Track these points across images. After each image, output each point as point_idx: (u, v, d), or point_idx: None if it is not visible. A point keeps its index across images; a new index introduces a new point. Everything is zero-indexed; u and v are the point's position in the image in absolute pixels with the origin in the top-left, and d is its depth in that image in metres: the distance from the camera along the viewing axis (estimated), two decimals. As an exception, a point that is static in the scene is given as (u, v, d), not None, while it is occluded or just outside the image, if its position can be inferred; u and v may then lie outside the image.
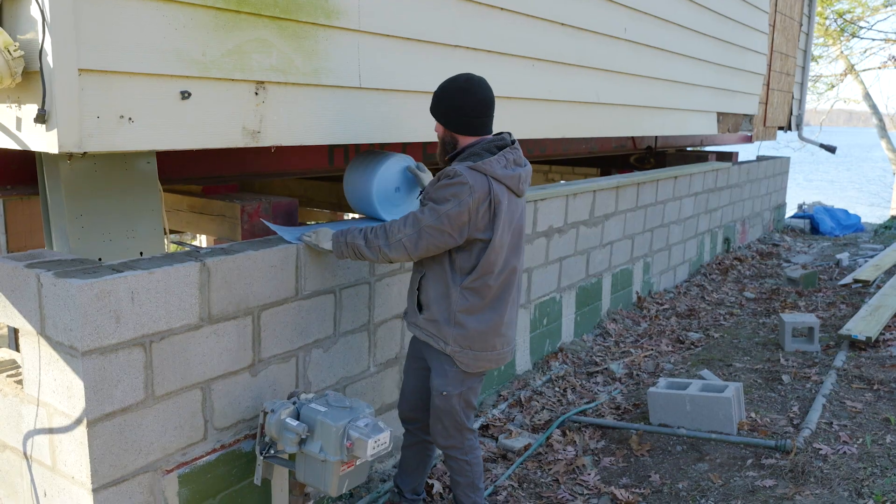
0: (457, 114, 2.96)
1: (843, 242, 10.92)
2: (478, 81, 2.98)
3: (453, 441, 3.17)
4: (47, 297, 2.43)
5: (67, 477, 2.54)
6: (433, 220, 2.81)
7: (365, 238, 2.95)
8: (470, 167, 2.84)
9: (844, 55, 19.87)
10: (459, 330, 2.97)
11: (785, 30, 10.28)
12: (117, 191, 3.02)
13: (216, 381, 2.85)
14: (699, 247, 8.37)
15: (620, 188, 6.19)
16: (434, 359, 3.09)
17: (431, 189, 2.89)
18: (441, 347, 3.01)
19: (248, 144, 2.87)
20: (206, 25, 2.62)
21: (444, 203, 2.80)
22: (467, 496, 3.27)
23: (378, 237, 2.92)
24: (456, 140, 3.00)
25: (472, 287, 2.93)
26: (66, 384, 2.44)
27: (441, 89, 3.02)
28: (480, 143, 2.96)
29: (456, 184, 2.79)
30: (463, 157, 2.96)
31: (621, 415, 4.56)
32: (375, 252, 2.93)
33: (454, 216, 2.79)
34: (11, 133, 2.40)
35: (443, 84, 3.02)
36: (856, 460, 3.82)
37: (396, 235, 2.87)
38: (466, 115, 2.96)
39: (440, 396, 3.08)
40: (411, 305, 3.12)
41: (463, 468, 3.23)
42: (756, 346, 5.80)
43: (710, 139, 9.68)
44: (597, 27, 5.17)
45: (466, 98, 2.95)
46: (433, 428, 3.19)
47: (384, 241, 2.90)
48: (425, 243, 2.84)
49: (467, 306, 2.95)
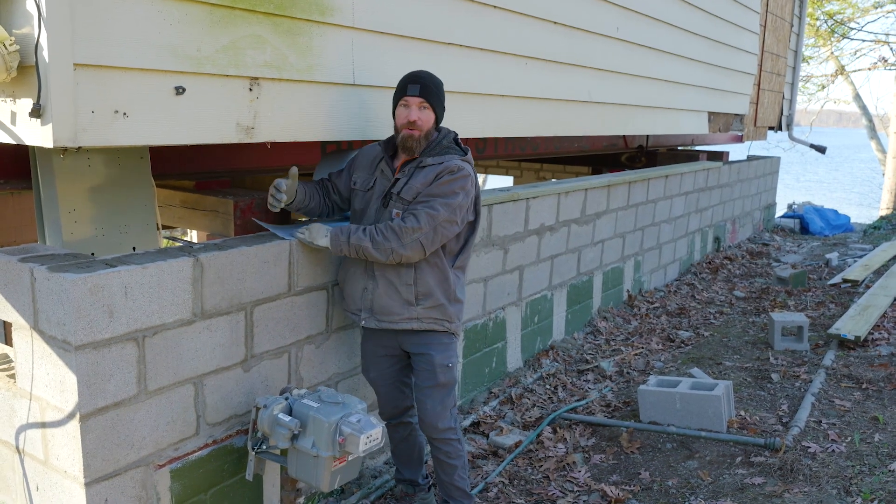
0: (444, 109, 3.19)
1: (833, 242, 10.99)
2: None
3: (448, 422, 3.22)
4: (41, 291, 2.43)
5: (60, 471, 2.54)
6: (448, 214, 2.98)
7: (371, 240, 2.96)
8: (463, 159, 3.10)
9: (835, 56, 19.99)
10: (458, 306, 3.22)
11: (776, 30, 10.33)
12: (110, 186, 3.02)
13: (208, 376, 2.85)
14: (689, 246, 8.41)
15: (612, 187, 6.22)
16: (430, 340, 3.16)
17: (435, 185, 3.00)
18: (446, 328, 3.18)
19: (241, 140, 2.88)
20: (200, 21, 2.62)
21: (454, 196, 3.00)
22: (462, 478, 3.30)
23: (388, 239, 2.94)
24: (433, 132, 3.16)
25: (461, 266, 3.24)
26: (59, 378, 2.44)
27: (439, 81, 3.15)
28: (445, 137, 3.17)
29: (461, 177, 3.03)
30: (436, 151, 3.11)
31: (612, 412, 4.59)
32: (386, 253, 2.96)
33: (464, 206, 3.05)
34: (6, 127, 2.40)
35: (432, 76, 3.13)
36: (844, 458, 3.85)
37: (412, 235, 2.93)
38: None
39: (445, 369, 3.16)
40: (400, 301, 3.10)
41: (458, 450, 3.27)
42: (746, 345, 5.84)
43: (701, 138, 9.72)
44: (589, 26, 5.20)
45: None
46: (431, 412, 3.18)
47: (397, 243, 2.94)
48: (440, 238, 3.01)
49: (459, 283, 3.23)
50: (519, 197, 4.83)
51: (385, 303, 3.11)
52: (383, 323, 3.14)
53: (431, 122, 3.08)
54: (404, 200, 3.04)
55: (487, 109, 4.30)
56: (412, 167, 3.09)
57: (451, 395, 3.22)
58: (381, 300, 3.11)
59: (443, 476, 3.30)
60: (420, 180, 3.03)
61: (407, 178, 3.07)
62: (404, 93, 3.06)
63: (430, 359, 3.15)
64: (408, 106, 3.05)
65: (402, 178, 3.09)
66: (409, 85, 3.06)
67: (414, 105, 3.04)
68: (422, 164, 3.07)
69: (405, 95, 3.05)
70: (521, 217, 4.92)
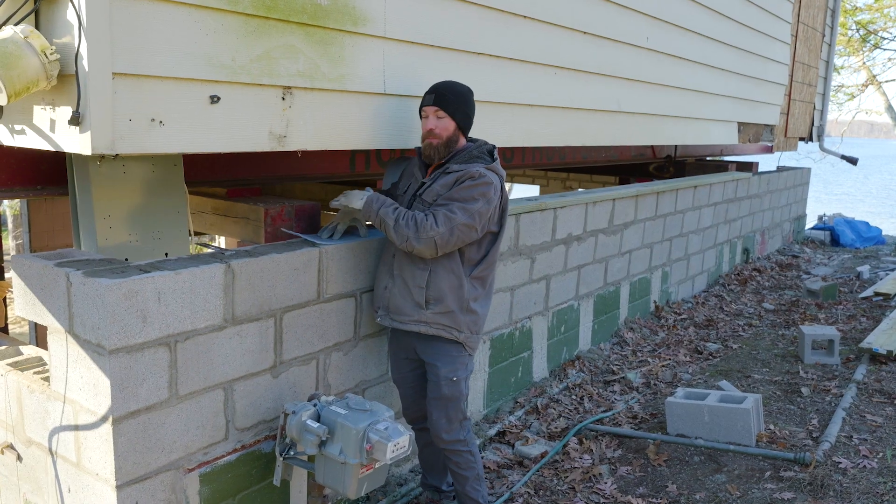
0: (471, 117, 3.21)
1: (864, 255, 10.83)
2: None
3: (456, 434, 3.23)
4: (76, 295, 2.47)
5: (91, 473, 2.58)
6: (467, 219, 2.98)
7: (395, 220, 3.00)
8: (487, 168, 3.10)
9: (867, 66, 19.73)
10: (472, 317, 3.18)
11: (807, 40, 10.23)
12: (144, 192, 3.07)
13: (238, 381, 2.88)
14: (718, 257, 8.33)
15: (640, 197, 6.19)
16: (438, 350, 3.17)
17: (455, 189, 3.02)
18: (454, 336, 3.16)
19: (274, 148, 2.91)
20: (235, 31, 2.66)
21: (474, 202, 3.00)
22: (476, 490, 3.31)
23: (409, 227, 2.97)
24: (458, 139, 3.17)
25: (479, 276, 3.20)
26: (93, 382, 2.48)
27: (461, 89, 3.17)
28: (477, 147, 3.19)
29: (482, 184, 3.03)
30: (463, 159, 3.13)
31: (638, 424, 4.55)
32: (402, 238, 2.99)
33: (483, 213, 3.04)
34: (45, 134, 2.45)
35: (454, 85, 3.17)
36: (876, 474, 3.79)
37: (429, 233, 2.94)
38: (472, 120, 3.24)
39: (450, 382, 3.17)
40: (411, 303, 3.13)
41: (468, 461, 3.28)
42: (775, 358, 5.77)
43: (730, 149, 9.63)
44: (619, 36, 5.18)
45: (474, 104, 3.25)
46: (437, 424, 3.22)
47: (413, 234, 2.96)
48: (455, 240, 3.00)
49: (475, 294, 3.20)
50: (546, 206, 4.82)
51: (399, 302, 3.16)
52: (395, 322, 3.20)
53: (451, 130, 3.12)
54: (425, 202, 3.10)
55: (516, 119, 4.30)
56: (439, 173, 3.15)
57: (456, 409, 3.22)
58: (395, 299, 3.17)
59: (456, 485, 3.36)
60: (441, 184, 3.09)
61: (431, 182, 3.14)
62: (423, 103, 3.16)
63: (436, 370, 3.19)
64: (426, 116, 3.13)
65: (428, 182, 3.15)
66: (426, 95, 3.15)
67: (431, 114, 3.11)
68: (447, 170, 3.11)
69: (423, 106, 3.16)
70: (548, 226, 4.91)
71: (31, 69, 2.22)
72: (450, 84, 3.17)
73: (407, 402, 3.44)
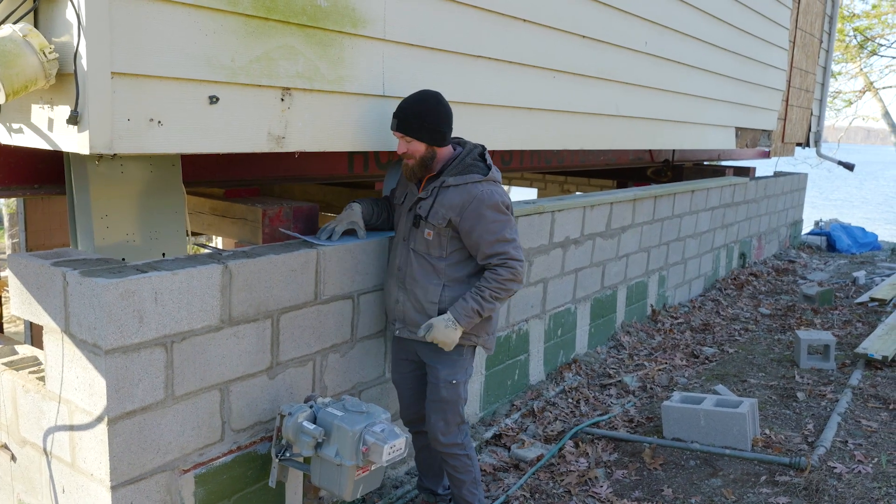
0: (443, 130, 3.09)
1: (860, 260, 10.86)
2: (439, 94, 3.15)
3: (453, 437, 3.23)
4: (73, 295, 2.46)
5: (86, 474, 2.57)
6: (515, 234, 3.10)
7: (491, 297, 3.05)
8: (486, 179, 3.10)
9: (864, 72, 19.78)
10: (487, 321, 3.21)
11: (805, 46, 10.25)
12: (142, 192, 3.06)
13: (234, 382, 2.88)
14: (715, 261, 8.35)
15: (637, 201, 6.19)
16: (440, 352, 3.16)
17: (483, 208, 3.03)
18: (472, 342, 3.20)
19: (272, 149, 2.90)
20: (235, 32, 2.65)
21: (508, 224, 3.08)
22: (472, 493, 3.31)
23: (505, 289, 3.05)
24: (434, 155, 3.12)
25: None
26: (89, 382, 2.47)
27: (420, 108, 3.05)
28: (468, 153, 3.16)
29: (500, 206, 3.07)
30: (458, 170, 3.10)
31: (634, 428, 4.55)
32: (510, 293, 3.09)
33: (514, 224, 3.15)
34: (43, 133, 2.44)
35: (415, 103, 3.08)
36: (871, 480, 3.80)
37: (518, 273, 3.05)
38: (448, 128, 3.13)
39: (449, 385, 3.17)
40: (424, 317, 3.13)
41: (465, 464, 3.28)
42: (771, 363, 5.78)
43: (728, 154, 9.65)
44: (618, 40, 5.19)
45: (445, 112, 3.10)
46: (434, 427, 3.23)
47: (515, 286, 3.06)
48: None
49: None
50: (544, 209, 4.83)
51: (414, 316, 3.18)
52: (413, 334, 3.21)
53: (422, 150, 3.08)
54: (433, 225, 3.09)
55: (515, 122, 4.30)
56: (435, 187, 3.11)
57: (454, 412, 3.22)
58: (410, 314, 3.19)
59: (453, 488, 3.36)
60: (445, 204, 3.06)
61: (432, 200, 3.10)
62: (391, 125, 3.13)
63: (436, 373, 3.20)
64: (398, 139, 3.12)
65: (427, 198, 3.13)
66: (392, 118, 3.10)
67: (399, 138, 3.10)
68: (445, 184, 3.09)
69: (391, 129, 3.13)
70: (545, 230, 4.91)
71: (29, 68, 2.21)
72: (410, 103, 3.08)
73: (405, 403, 3.44)
